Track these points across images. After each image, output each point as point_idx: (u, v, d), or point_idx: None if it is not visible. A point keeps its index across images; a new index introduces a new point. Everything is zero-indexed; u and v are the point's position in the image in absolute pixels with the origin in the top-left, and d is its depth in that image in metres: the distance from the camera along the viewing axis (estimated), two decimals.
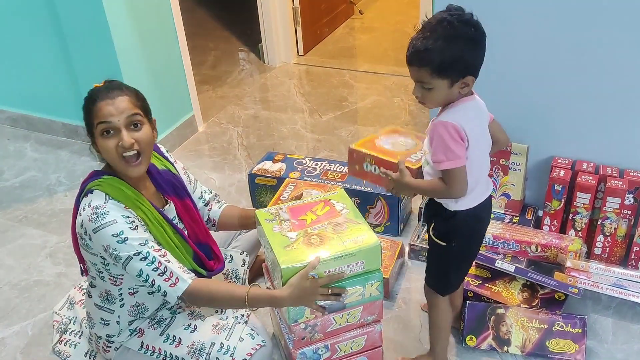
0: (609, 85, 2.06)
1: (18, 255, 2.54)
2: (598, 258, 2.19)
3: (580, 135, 2.19)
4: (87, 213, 1.59)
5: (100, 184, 1.63)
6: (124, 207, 1.62)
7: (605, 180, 2.10)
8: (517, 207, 2.35)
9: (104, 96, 1.61)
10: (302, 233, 1.64)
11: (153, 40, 2.96)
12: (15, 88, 3.38)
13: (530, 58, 2.12)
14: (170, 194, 1.80)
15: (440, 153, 1.49)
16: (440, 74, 1.44)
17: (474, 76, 1.48)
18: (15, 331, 2.16)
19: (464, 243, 1.66)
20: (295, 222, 1.68)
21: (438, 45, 1.42)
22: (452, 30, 1.42)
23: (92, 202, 1.60)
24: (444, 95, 1.49)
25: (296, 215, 1.71)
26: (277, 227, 1.67)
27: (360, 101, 3.61)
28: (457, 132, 1.47)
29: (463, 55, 1.43)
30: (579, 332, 1.90)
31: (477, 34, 1.44)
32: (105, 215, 1.58)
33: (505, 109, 2.24)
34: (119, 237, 1.57)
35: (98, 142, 1.63)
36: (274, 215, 1.72)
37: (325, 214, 1.71)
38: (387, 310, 2.12)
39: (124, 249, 1.58)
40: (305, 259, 1.56)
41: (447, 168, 1.49)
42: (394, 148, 1.74)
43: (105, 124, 1.60)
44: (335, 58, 4.20)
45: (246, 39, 4.53)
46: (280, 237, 1.64)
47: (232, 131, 3.38)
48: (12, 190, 2.99)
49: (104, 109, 1.60)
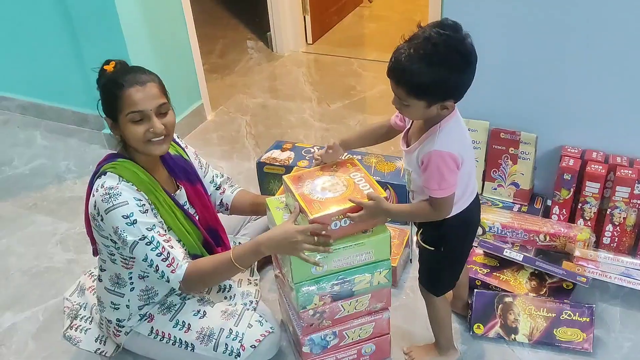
0: (619, 74, 2.05)
1: (28, 242, 2.56)
2: (607, 247, 2.19)
3: (590, 124, 2.18)
4: (100, 194, 1.61)
5: (114, 167, 1.65)
6: (136, 190, 1.64)
7: (614, 170, 2.09)
8: (526, 196, 2.35)
9: (132, 81, 1.60)
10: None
11: (162, 28, 2.96)
12: (25, 76, 3.40)
13: (539, 47, 2.11)
14: (182, 179, 1.81)
15: (434, 182, 1.47)
16: (417, 96, 1.39)
17: (455, 100, 1.43)
18: (26, 317, 2.18)
19: (452, 248, 1.66)
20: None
21: (418, 68, 1.34)
22: (436, 55, 1.33)
23: (105, 183, 1.62)
24: (421, 113, 1.45)
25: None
26: (287, 216, 1.67)
27: (368, 90, 3.60)
28: (454, 162, 1.46)
29: (444, 81, 1.36)
30: (587, 320, 1.90)
31: (462, 62, 1.35)
32: (118, 196, 1.59)
33: (515, 98, 2.24)
34: (129, 219, 1.59)
35: (125, 127, 1.63)
36: (284, 204, 1.73)
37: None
38: (394, 298, 2.12)
39: (132, 232, 1.60)
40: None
41: (439, 197, 1.48)
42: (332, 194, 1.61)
43: (138, 113, 1.60)
44: (344, 47, 4.19)
45: (255, 28, 4.52)
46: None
47: (240, 120, 3.39)
48: (22, 177, 3.01)
49: (135, 95, 1.59)
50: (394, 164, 2.51)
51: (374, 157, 2.58)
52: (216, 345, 1.76)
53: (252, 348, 1.75)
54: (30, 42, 3.20)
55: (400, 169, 2.47)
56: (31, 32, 3.16)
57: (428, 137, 1.48)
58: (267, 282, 2.23)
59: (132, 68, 1.67)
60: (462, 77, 1.38)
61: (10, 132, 3.40)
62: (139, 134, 1.62)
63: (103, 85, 1.64)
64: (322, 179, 1.67)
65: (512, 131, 2.26)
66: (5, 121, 3.50)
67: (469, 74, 1.39)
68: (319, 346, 1.75)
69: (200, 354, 1.77)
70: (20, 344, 2.08)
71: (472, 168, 1.58)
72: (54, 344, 2.06)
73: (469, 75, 1.39)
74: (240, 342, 1.74)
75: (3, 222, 2.70)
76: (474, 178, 1.62)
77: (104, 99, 1.65)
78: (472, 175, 1.59)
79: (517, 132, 2.25)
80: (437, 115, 1.45)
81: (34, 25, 3.12)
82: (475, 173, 1.63)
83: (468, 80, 1.40)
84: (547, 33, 2.08)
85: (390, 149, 2.96)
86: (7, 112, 3.55)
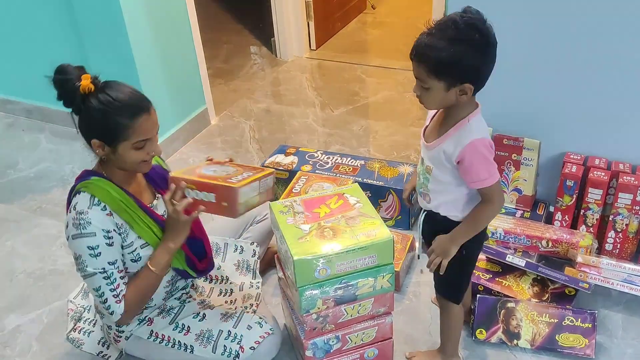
0: (622, 80, 2.06)
1: (33, 244, 2.57)
2: (609, 254, 2.19)
3: (593, 131, 2.19)
4: (71, 216, 1.59)
5: (87, 186, 1.62)
6: (107, 214, 1.60)
7: (617, 176, 2.10)
8: (528, 203, 2.36)
9: (139, 109, 1.56)
10: (315, 226, 1.66)
11: (167, 33, 2.98)
12: (30, 80, 3.40)
13: (542, 53, 2.12)
14: (162, 187, 1.77)
15: (484, 171, 1.47)
16: (436, 74, 1.40)
17: (473, 85, 1.42)
18: (31, 319, 2.19)
19: (473, 248, 1.66)
20: (309, 215, 1.70)
21: (438, 44, 1.37)
22: (456, 31, 1.36)
23: (77, 204, 1.59)
24: (441, 98, 1.44)
25: (310, 208, 1.73)
26: (291, 219, 1.69)
27: (371, 96, 3.61)
28: (492, 148, 1.48)
29: (462, 59, 1.37)
30: (589, 326, 1.91)
31: (481, 41, 1.37)
32: (87, 225, 1.57)
33: (518, 104, 2.25)
34: (93, 250, 1.58)
35: (125, 153, 1.58)
36: (288, 208, 1.74)
37: (339, 207, 1.72)
38: (397, 303, 2.13)
39: (93, 264, 1.59)
40: (318, 251, 1.58)
41: (493, 183, 1.49)
42: (216, 174, 1.70)
43: (145, 140, 1.58)
44: (348, 52, 4.21)
45: (259, 33, 4.54)
46: (293, 229, 1.65)
47: (244, 124, 3.40)
48: (27, 180, 3.02)
49: (145, 124, 1.57)
50: (397, 169, 2.52)
51: (377, 162, 2.59)
52: (215, 347, 1.76)
53: (251, 350, 1.76)
54: (36, 45, 3.22)
55: (404, 174, 2.48)
56: (37, 36, 3.18)
57: (457, 131, 1.48)
58: (270, 287, 2.24)
59: (116, 85, 1.59)
60: (481, 58, 1.39)
61: (15, 135, 3.42)
62: (140, 158, 1.61)
63: (101, 111, 1.54)
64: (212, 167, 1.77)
65: (515, 137, 2.27)
66: (10, 124, 3.52)
67: (488, 56, 1.40)
68: (322, 350, 1.76)
69: (200, 355, 1.78)
70: (24, 346, 2.10)
71: None
72: (57, 346, 2.07)
73: (487, 57, 1.40)
74: (239, 344, 1.75)
75: (8, 224, 2.71)
76: None
77: (101, 124, 1.56)
78: None
79: (520, 138, 2.26)
80: (456, 103, 1.45)
81: (39, 29, 3.15)
82: None
83: (486, 63, 1.41)
84: (551, 39, 2.09)
85: (393, 154, 2.98)
86: (12, 116, 3.58)
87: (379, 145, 3.09)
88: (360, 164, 2.58)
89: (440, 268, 1.60)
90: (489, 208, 1.54)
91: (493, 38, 1.40)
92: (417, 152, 3.00)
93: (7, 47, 3.34)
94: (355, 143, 3.12)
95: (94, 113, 1.55)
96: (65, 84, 1.56)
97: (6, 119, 3.57)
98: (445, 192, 1.57)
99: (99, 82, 1.58)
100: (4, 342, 2.12)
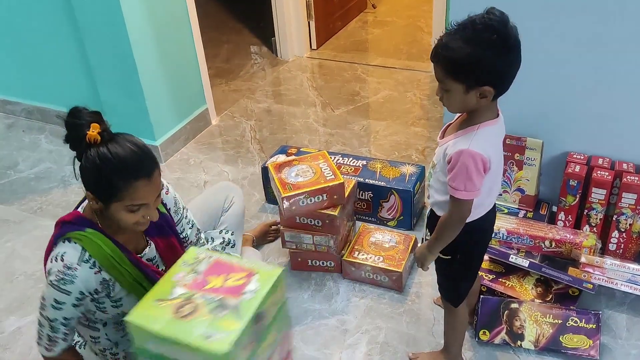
0: (626, 80, 2.05)
1: (33, 246, 2.56)
2: (613, 254, 2.18)
3: (596, 130, 2.18)
4: (57, 266, 1.52)
5: (80, 238, 1.54)
6: (94, 273, 1.55)
7: (620, 176, 2.09)
8: (531, 203, 2.34)
9: (139, 173, 1.46)
10: (187, 295, 1.40)
11: (168, 33, 2.97)
12: (30, 80, 3.41)
13: (545, 53, 2.11)
14: (154, 235, 1.71)
15: (460, 182, 1.45)
16: (454, 75, 1.38)
17: (493, 87, 1.38)
18: (30, 321, 2.18)
19: (467, 255, 1.65)
20: (199, 281, 1.44)
21: (455, 44, 1.35)
22: (473, 32, 1.34)
23: (65, 255, 1.53)
24: (461, 100, 1.42)
25: (210, 272, 1.46)
26: (181, 275, 1.46)
27: (372, 95, 3.60)
28: (483, 164, 1.43)
29: (480, 61, 1.34)
30: (593, 327, 1.90)
31: (499, 42, 1.33)
32: (68, 284, 1.52)
33: (521, 104, 2.23)
34: (59, 305, 1.54)
35: (116, 212, 1.50)
36: (196, 261, 1.50)
37: (230, 287, 1.42)
38: (400, 304, 2.13)
39: (52, 313, 1.55)
40: (157, 328, 1.32)
41: (462, 198, 1.47)
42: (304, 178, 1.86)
43: (139, 205, 1.49)
44: (348, 52, 4.20)
45: (259, 33, 4.53)
46: (166, 287, 1.43)
47: (245, 124, 3.39)
48: (27, 181, 3.01)
49: (141, 190, 1.47)
50: (398, 170, 2.51)
51: (379, 162, 2.58)
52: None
53: None
54: (36, 46, 3.21)
55: (406, 175, 2.47)
56: (37, 36, 3.17)
57: (464, 134, 1.46)
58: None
59: (123, 141, 1.47)
60: (499, 60, 1.36)
61: (15, 136, 3.41)
62: (132, 220, 1.52)
63: (97, 167, 1.44)
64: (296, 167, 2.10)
65: (517, 137, 2.26)
66: (11, 125, 3.51)
67: (507, 58, 1.37)
68: None
69: None
70: (24, 348, 2.08)
71: (498, 175, 1.57)
72: None
73: (507, 59, 1.37)
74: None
75: (8, 225, 2.70)
76: (499, 185, 1.62)
77: (94, 178, 1.47)
78: (496, 181, 1.58)
79: (523, 138, 2.25)
80: (476, 107, 1.43)
81: (39, 30, 3.14)
82: (500, 180, 1.62)
83: (506, 65, 1.38)
84: (553, 39, 2.08)
85: (394, 154, 2.97)
86: (13, 116, 3.57)
87: (380, 145, 3.08)
88: (362, 164, 2.56)
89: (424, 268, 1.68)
90: (446, 218, 1.53)
91: (514, 40, 1.36)
92: (418, 152, 2.98)
93: (6, 48, 3.32)
94: (356, 143, 3.11)
95: (90, 165, 1.45)
96: (75, 129, 1.47)
97: (6, 119, 3.56)
98: (440, 190, 1.57)
99: (107, 135, 1.47)
100: (3, 345, 2.11)
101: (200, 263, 1.49)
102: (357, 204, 2.49)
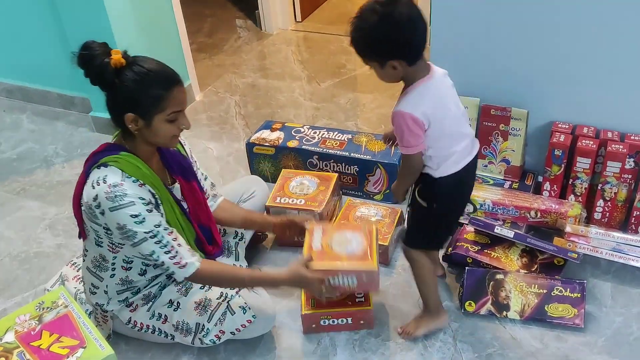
0: (609, 48, 2.03)
1: (17, 227, 2.54)
2: (598, 223, 2.19)
3: (581, 99, 2.16)
4: (103, 189, 1.54)
5: (117, 160, 1.59)
6: (139, 185, 1.59)
7: (605, 145, 2.08)
8: (516, 173, 2.34)
9: (175, 81, 1.57)
10: (10, 346, 1.40)
11: (147, 6, 2.91)
12: (9, 59, 3.34)
13: (528, 22, 2.08)
14: (178, 174, 1.78)
15: (399, 139, 1.58)
16: (364, 57, 1.51)
17: (400, 59, 1.47)
18: (16, 302, 2.16)
19: (444, 206, 1.70)
20: (34, 332, 1.44)
21: (354, 31, 1.48)
22: (368, 12, 1.44)
23: (107, 177, 1.56)
24: (383, 74, 1.53)
25: (49, 327, 1.46)
26: (26, 317, 1.47)
27: (358, 68, 3.56)
28: (414, 122, 1.52)
29: (373, 42, 1.46)
30: (578, 296, 1.91)
31: (383, 20, 1.43)
32: (124, 197, 1.54)
33: (505, 73, 2.22)
34: (137, 218, 1.56)
35: (159, 126, 1.57)
36: (50, 307, 1.51)
37: (48, 354, 1.40)
38: (386, 277, 2.12)
39: (141, 230, 1.57)
40: None
41: (405, 153, 1.59)
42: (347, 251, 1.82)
43: (179, 112, 1.59)
44: (334, 24, 4.14)
45: (243, 6, 4.46)
46: (4, 325, 1.46)
47: (229, 100, 3.35)
48: (9, 162, 2.97)
49: (180, 95, 1.58)
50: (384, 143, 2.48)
51: (364, 136, 2.56)
52: (194, 340, 1.80)
53: (231, 334, 1.79)
54: (13, 24, 3.14)
55: (391, 148, 2.45)
56: (13, 13, 3.09)
57: (400, 98, 1.57)
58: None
59: (145, 59, 1.58)
60: (390, 36, 1.44)
61: None
62: (172, 132, 1.60)
63: (138, 83, 1.52)
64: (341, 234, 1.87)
65: (502, 107, 2.24)
66: None
67: (400, 32, 1.44)
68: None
69: (181, 342, 1.82)
70: None
71: (454, 129, 1.61)
72: None
73: (400, 33, 1.44)
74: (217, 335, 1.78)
75: None
76: (465, 141, 1.63)
77: (137, 96, 1.53)
78: (454, 137, 1.61)
79: (508, 109, 2.23)
80: (401, 75, 1.52)
81: (15, 7, 3.06)
82: (465, 137, 1.63)
83: (402, 38, 1.45)
84: (537, 8, 2.05)
85: (381, 127, 2.95)
86: None
87: (367, 118, 3.05)
88: (347, 138, 2.54)
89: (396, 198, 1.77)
90: (400, 169, 1.70)
91: (400, 14, 1.42)
92: None
93: None
94: (342, 117, 3.08)
95: (130, 85, 1.52)
96: (93, 61, 1.52)
97: None
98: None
99: (129, 57, 1.56)
100: None
101: (50, 311, 1.51)
102: (344, 179, 2.48)
